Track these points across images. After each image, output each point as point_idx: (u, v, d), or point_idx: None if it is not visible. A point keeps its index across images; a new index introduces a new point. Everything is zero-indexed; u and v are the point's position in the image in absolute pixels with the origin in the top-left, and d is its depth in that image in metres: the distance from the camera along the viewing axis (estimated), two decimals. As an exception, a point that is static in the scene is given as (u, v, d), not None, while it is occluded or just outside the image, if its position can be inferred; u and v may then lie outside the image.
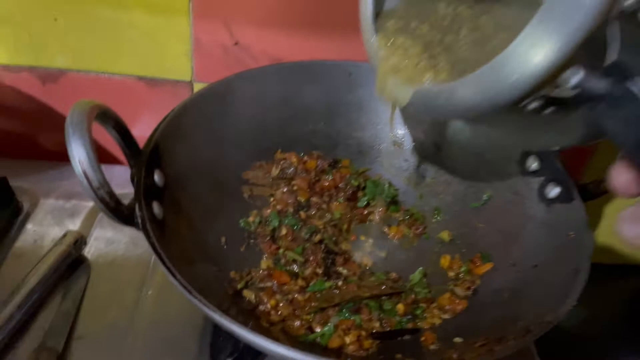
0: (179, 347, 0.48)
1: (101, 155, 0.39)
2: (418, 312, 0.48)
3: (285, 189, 0.57)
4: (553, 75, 0.26)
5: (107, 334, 0.48)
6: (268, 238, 0.53)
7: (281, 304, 0.47)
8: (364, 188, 0.59)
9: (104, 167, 0.39)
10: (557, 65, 0.26)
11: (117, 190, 0.40)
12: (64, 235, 0.54)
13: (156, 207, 0.44)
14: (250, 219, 0.55)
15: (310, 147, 0.60)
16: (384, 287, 0.49)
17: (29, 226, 0.58)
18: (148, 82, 0.64)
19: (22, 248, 0.55)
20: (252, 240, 0.53)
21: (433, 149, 0.58)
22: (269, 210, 0.55)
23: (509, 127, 0.43)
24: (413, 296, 0.49)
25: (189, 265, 0.43)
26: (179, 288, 0.37)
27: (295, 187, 0.57)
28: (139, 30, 0.60)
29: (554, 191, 0.48)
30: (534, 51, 0.26)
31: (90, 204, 0.61)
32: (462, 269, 0.51)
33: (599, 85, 0.27)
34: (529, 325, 0.39)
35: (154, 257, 0.51)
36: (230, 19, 0.59)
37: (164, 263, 0.39)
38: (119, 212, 0.40)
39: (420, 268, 0.52)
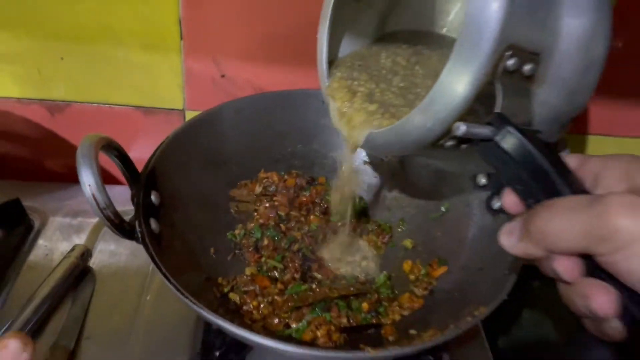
0: (174, 344, 0.54)
1: (105, 178, 0.46)
2: (381, 309, 0.55)
3: (267, 205, 0.64)
4: (448, 127, 0.34)
5: (112, 334, 0.55)
6: (252, 248, 0.60)
7: (262, 305, 0.54)
8: (337, 202, 0.66)
9: (106, 187, 0.45)
10: (459, 114, 0.34)
11: (119, 208, 0.46)
12: (72, 249, 0.60)
13: (153, 223, 0.51)
14: (236, 231, 0.62)
15: (289, 166, 0.68)
16: (352, 288, 0.56)
17: (40, 241, 0.64)
18: (144, 111, 0.71)
19: (35, 261, 0.62)
20: (237, 251, 0.60)
21: (398, 166, 0.66)
22: (252, 224, 0.62)
23: (443, 157, 0.50)
24: (377, 296, 0.56)
25: (183, 273, 0.50)
26: (174, 292, 0.44)
27: (276, 203, 0.64)
28: (136, 65, 0.66)
29: (497, 204, 0.56)
30: (438, 107, 0.34)
31: (95, 220, 0.67)
32: (422, 272, 0.59)
33: (484, 131, 0.35)
34: (468, 316, 0.46)
35: (152, 266, 0.58)
36: (217, 54, 0.66)
37: (160, 270, 0.45)
38: (122, 228, 0.47)
39: (385, 272, 0.59)
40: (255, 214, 0.64)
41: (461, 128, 0.34)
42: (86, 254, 0.61)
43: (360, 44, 0.50)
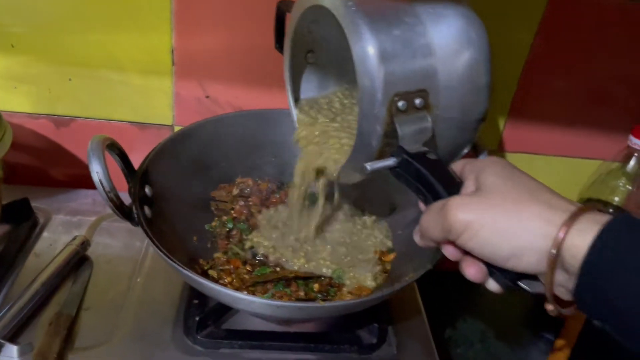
0: (160, 316, 0.63)
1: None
2: (331, 292, 0.65)
3: (242, 203, 0.75)
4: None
5: (107, 306, 0.64)
6: (223, 237, 0.71)
7: (234, 280, 0.64)
8: (303, 203, 0.77)
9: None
10: (375, 152, 0.47)
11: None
12: (74, 238, 0.70)
13: (147, 210, 0.61)
14: (213, 224, 0.72)
15: (262, 174, 0.78)
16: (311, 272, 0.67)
17: (45, 234, 0.73)
18: (139, 126, 0.81)
19: (40, 249, 0.71)
20: (213, 239, 0.71)
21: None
22: (226, 217, 0.73)
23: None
24: (329, 280, 0.66)
25: (171, 252, 0.59)
26: (165, 260, 0.54)
27: (250, 202, 0.75)
28: (133, 87, 0.77)
29: None
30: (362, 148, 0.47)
31: (92, 218, 0.77)
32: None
33: (389, 162, 0.45)
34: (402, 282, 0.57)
35: (141, 255, 0.69)
36: (203, 78, 0.78)
37: (153, 242, 0.56)
38: (122, 210, 0.57)
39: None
40: (232, 211, 0.74)
41: (367, 167, 0.45)
42: (85, 243, 0.71)
43: (323, 91, 0.64)
